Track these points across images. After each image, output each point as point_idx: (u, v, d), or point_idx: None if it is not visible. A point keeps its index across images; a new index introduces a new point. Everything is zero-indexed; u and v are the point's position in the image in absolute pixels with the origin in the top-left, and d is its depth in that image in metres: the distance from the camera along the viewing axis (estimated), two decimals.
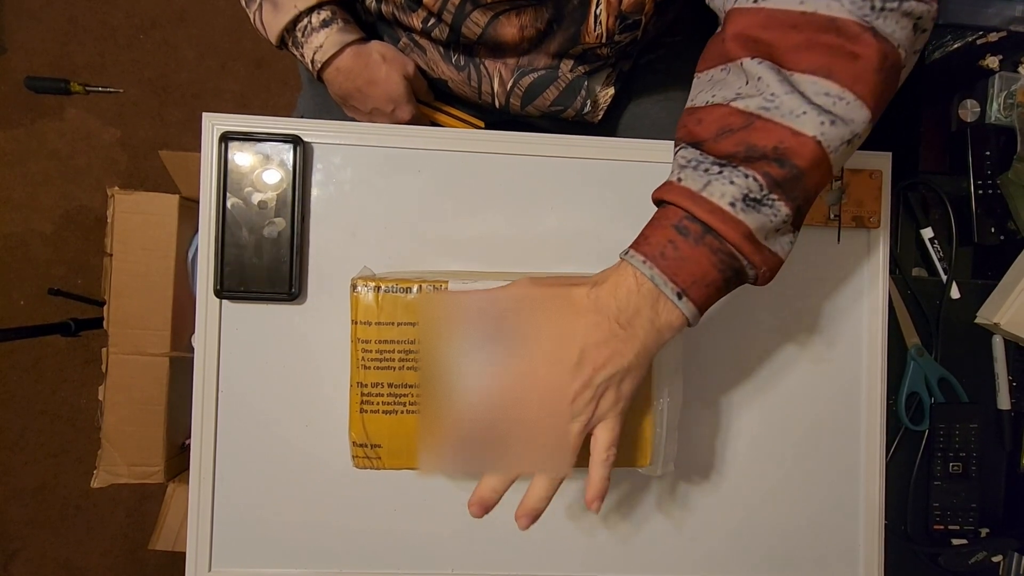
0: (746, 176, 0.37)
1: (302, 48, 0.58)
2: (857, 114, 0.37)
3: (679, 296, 0.38)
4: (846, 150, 0.38)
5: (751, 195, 0.37)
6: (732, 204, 0.36)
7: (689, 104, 0.42)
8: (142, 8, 1.43)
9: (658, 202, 0.41)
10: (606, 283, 0.39)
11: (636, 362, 0.39)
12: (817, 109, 0.36)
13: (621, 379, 0.39)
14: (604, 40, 0.56)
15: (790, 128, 0.36)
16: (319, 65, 0.59)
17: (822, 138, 0.36)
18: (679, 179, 0.39)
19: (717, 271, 0.38)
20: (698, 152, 0.39)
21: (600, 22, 0.55)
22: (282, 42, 0.59)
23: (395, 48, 0.62)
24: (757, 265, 0.39)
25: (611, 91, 0.64)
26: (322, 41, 0.58)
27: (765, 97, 0.37)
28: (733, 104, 0.38)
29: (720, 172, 0.37)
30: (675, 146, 0.41)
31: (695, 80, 0.43)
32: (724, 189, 0.37)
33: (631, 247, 0.40)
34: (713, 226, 0.37)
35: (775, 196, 0.37)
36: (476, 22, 0.56)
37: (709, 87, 0.40)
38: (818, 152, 0.36)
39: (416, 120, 0.65)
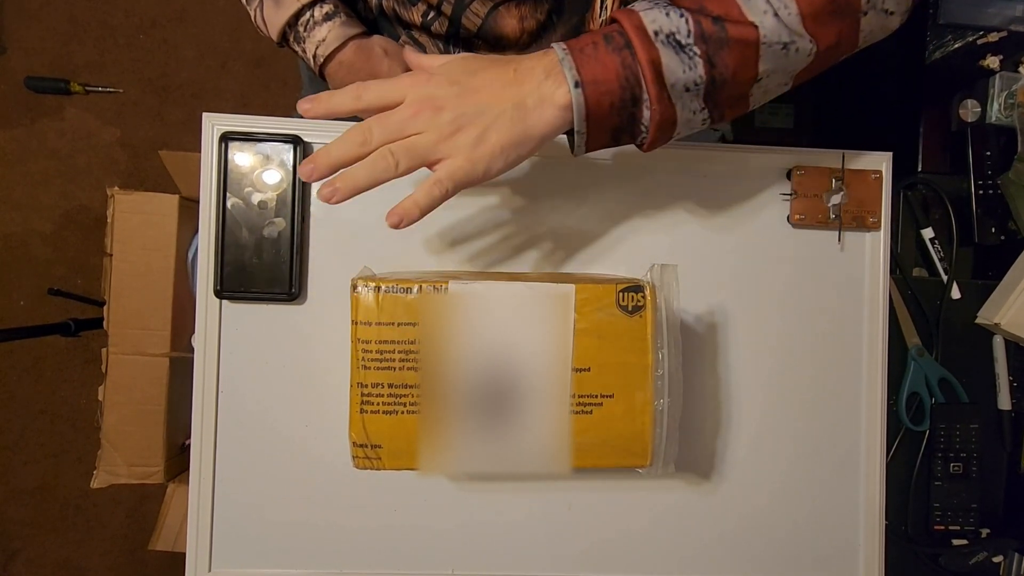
0: (680, 16, 0.40)
1: (304, 43, 0.58)
2: (796, 26, 0.41)
3: (576, 84, 0.40)
4: (780, 55, 0.42)
5: (676, 35, 0.40)
6: (656, 32, 0.40)
7: None
8: (142, 8, 1.43)
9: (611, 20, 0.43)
10: (531, 56, 0.42)
11: (509, 115, 0.40)
12: (767, 3, 0.40)
13: (488, 124, 0.40)
14: None
15: (738, 5, 0.41)
16: (321, 60, 0.59)
17: (760, 26, 0.40)
18: (637, 7, 0.42)
19: (617, 84, 0.40)
20: None
21: (606, 8, 0.55)
22: (283, 38, 0.58)
23: (396, 43, 0.62)
24: (652, 103, 0.41)
25: None
26: (325, 35, 0.58)
27: None
28: None
29: (665, 9, 0.41)
30: None
31: None
32: (656, 17, 0.40)
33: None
34: (632, 41, 0.40)
35: (697, 49, 0.40)
36: (476, 13, 0.56)
37: None
38: (751, 34, 0.40)
39: None
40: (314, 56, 0.59)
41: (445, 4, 0.56)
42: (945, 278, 0.64)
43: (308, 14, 0.57)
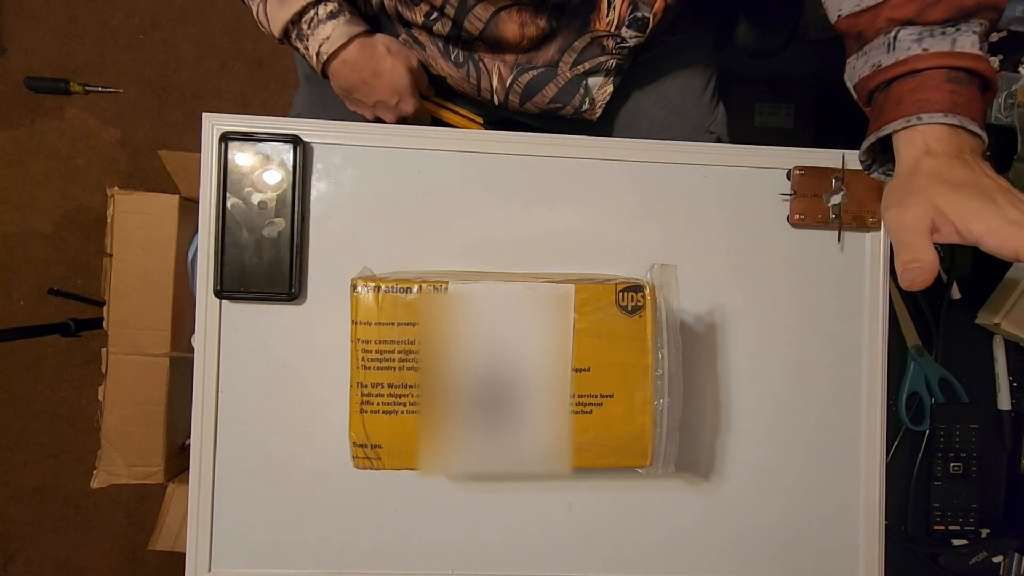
0: (980, 24, 0.45)
1: (307, 41, 0.58)
2: None
3: (980, 128, 0.44)
4: None
5: (983, 37, 0.45)
6: (980, 48, 0.44)
7: (853, 11, 0.48)
8: (142, 8, 1.43)
9: (897, 77, 0.45)
10: (927, 156, 0.44)
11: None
12: None
13: None
14: (614, 28, 0.56)
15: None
16: (325, 57, 0.59)
17: None
18: (925, 49, 0.44)
19: (983, 103, 0.45)
20: (918, 27, 0.45)
21: (613, 7, 0.55)
22: (285, 35, 0.58)
23: (399, 41, 0.62)
24: (993, 81, 0.45)
25: (609, 89, 0.64)
26: (329, 33, 0.58)
27: None
28: None
29: (956, 30, 0.44)
30: (880, 35, 0.46)
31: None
32: (971, 40, 0.44)
33: (914, 113, 0.44)
34: (978, 69, 0.44)
35: (989, 32, 0.46)
36: (478, 17, 0.56)
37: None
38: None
39: (419, 113, 0.65)
40: (317, 54, 0.58)
41: (448, 6, 0.56)
42: (945, 278, 0.64)
43: (312, 12, 0.57)
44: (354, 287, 0.45)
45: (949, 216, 0.41)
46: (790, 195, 0.57)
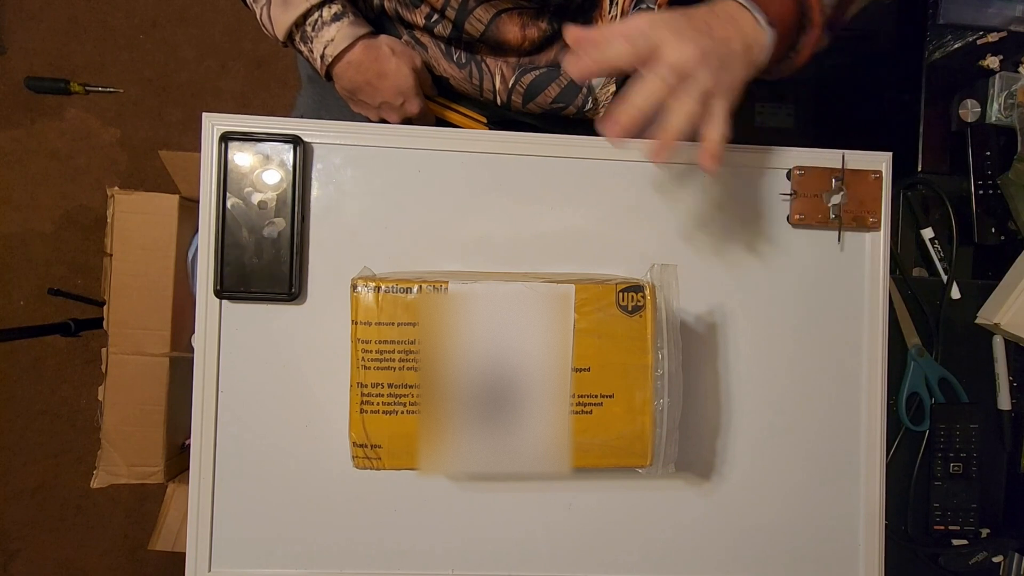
0: None
1: (311, 43, 0.58)
2: None
3: (769, 24, 0.45)
4: None
5: None
6: None
7: None
8: (142, 8, 1.43)
9: None
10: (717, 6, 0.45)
11: (743, 56, 0.45)
12: None
13: (736, 64, 0.44)
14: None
15: None
16: (329, 59, 0.59)
17: None
18: None
19: (793, 21, 0.47)
20: None
21: (616, 3, 0.55)
22: (289, 38, 0.58)
23: (402, 43, 0.62)
24: (815, 27, 0.48)
25: (612, 89, 0.64)
26: (333, 35, 0.58)
27: None
28: None
29: None
30: None
31: None
32: None
33: None
34: None
35: None
36: (479, 19, 0.56)
37: None
38: None
39: (423, 113, 0.65)
40: (322, 56, 0.58)
41: (448, 9, 0.56)
42: (945, 278, 0.64)
43: (317, 14, 0.57)
44: (354, 287, 0.45)
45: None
46: (790, 195, 0.57)
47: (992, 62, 0.66)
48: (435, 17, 0.58)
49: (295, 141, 0.53)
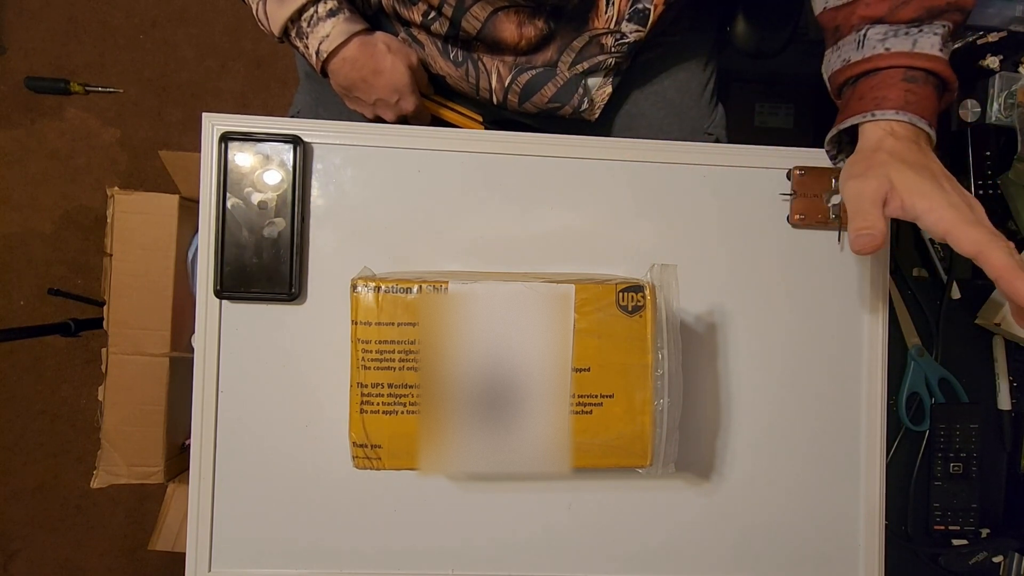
0: (944, 26, 0.48)
1: (307, 39, 0.58)
2: None
3: (929, 126, 0.48)
4: None
5: (946, 38, 0.48)
6: (941, 50, 0.48)
7: (835, 5, 0.51)
8: (142, 8, 1.43)
9: (863, 74, 0.50)
10: (890, 136, 0.48)
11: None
12: None
13: None
14: (614, 24, 0.57)
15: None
16: (324, 55, 0.59)
17: None
18: (887, 48, 0.48)
19: (938, 101, 0.49)
20: (886, 26, 0.49)
21: (612, 2, 0.55)
22: (284, 33, 0.58)
23: (398, 39, 0.62)
24: (951, 81, 0.49)
25: (608, 89, 0.64)
26: (329, 31, 0.58)
27: None
28: None
29: (919, 31, 0.48)
30: (853, 32, 0.50)
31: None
32: (932, 41, 0.48)
33: (871, 110, 0.48)
34: (935, 70, 0.48)
35: (954, 33, 0.49)
36: (476, 17, 0.56)
37: None
38: None
39: (419, 111, 0.65)
40: (317, 52, 0.58)
41: (446, 6, 0.56)
42: (945, 278, 0.64)
43: (312, 10, 0.57)
44: (354, 287, 0.45)
45: (900, 191, 0.45)
46: (790, 195, 0.57)
47: (992, 62, 0.66)
48: (432, 14, 0.58)
49: (295, 141, 0.53)
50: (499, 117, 0.70)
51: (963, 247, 0.42)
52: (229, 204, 0.53)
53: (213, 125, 0.54)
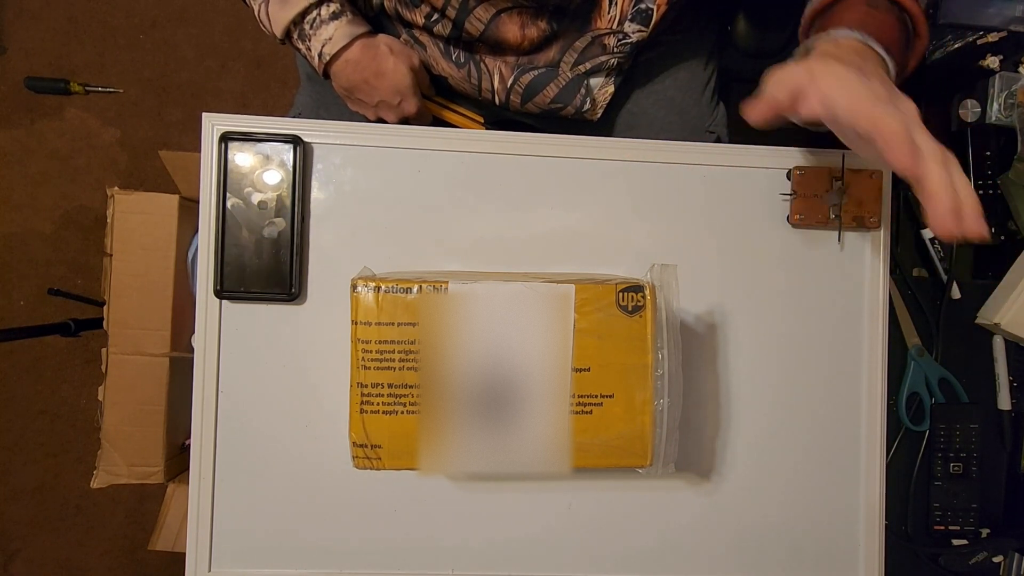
0: None
1: (309, 41, 0.58)
2: None
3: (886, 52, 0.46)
4: None
5: None
6: None
7: None
8: (142, 8, 1.43)
9: (831, 4, 0.50)
10: (832, 44, 0.45)
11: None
12: None
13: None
14: (616, 24, 0.57)
15: None
16: (327, 58, 0.59)
17: None
18: None
19: (900, 35, 0.48)
20: None
21: (615, 2, 0.55)
22: (287, 35, 0.58)
23: (400, 42, 0.62)
24: (916, 16, 0.48)
25: (610, 89, 0.64)
26: (332, 33, 0.58)
27: None
28: None
29: None
30: None
31: None
32: None
33: (829, 29, 0.46)
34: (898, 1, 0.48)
35: None
36: (479, 18, 0.56)
37: None
38: None
39: (421, 113, 0.65)
40: (319, 54, 0.58)
41: (449, 8, 0.56)
42: (945, 278, 0.64)
43: (315, 12, 0.57)
44: (354, 287, 0.45)
45: (819, 81, 0.39)
46: (790, 195, 0.57)
47: (992, 62, 0.66)
48: (435, 16, 0.58)
49: (295, 141, 0.53)
50: (501, 118, 0.70)
51: (859, 123, 0.38)
52: (229, 204, 0.53)
53: (213, 125, 0.54)
